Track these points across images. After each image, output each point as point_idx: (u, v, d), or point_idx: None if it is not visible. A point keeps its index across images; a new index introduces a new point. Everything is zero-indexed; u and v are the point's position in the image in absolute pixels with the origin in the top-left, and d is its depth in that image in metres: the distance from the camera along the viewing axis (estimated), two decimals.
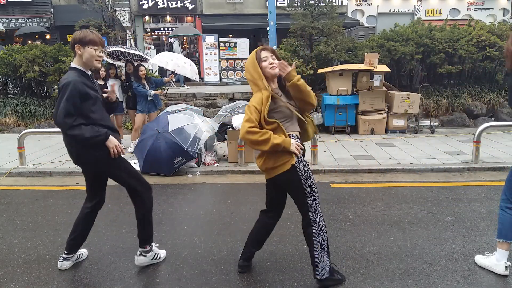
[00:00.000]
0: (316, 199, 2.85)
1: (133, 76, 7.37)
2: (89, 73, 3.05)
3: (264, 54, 2.81)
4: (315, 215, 2.84)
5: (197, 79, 8.39)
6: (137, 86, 6.98)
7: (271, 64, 2.78)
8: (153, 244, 3.32)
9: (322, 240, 2.84)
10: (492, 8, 17.81)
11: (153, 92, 7.06)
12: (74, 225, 3.24)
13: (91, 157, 3.03)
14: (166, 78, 7.76)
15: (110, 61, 8.03)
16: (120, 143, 3.19)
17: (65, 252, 3.25)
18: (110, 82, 7.14)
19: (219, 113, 7.56)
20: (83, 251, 3.41)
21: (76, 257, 3.32)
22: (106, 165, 3.11)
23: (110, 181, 3.26)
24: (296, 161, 2.76)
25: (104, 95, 3.17)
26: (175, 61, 7.29)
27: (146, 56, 7.61)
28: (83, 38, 2.90)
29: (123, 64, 8.03)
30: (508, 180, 3.16)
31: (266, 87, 2.72)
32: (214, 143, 6.73)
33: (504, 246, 3.06)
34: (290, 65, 2.77)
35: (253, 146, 2.79)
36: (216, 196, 5.16)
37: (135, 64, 7.40)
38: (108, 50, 8.02)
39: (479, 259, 3.22)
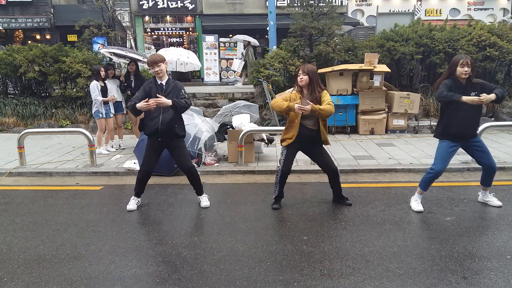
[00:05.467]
0: None
1: (134, 76, 7.37)
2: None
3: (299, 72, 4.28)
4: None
5: (199, 64, 8.51)
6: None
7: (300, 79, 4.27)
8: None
9: None
10: (492, 8, 17.81)
11: None
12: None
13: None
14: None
15: (115, 59, 8.03)
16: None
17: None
18: (109, 83, 7.13)
19: (219, 113, 7.55)
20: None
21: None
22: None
23: (110, 181, 3.23)
24: None
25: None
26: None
27: (144, 60, 7.57)
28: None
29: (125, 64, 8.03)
30: (437, 149, 4.31)
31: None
32: (214, 143, 6.73)
33: (420, 192, 4.42)
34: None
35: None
36: (216, 196, 5.16)
37: (138, 64, 7.45)
38: (106, 50, 8.03)
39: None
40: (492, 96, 3.97)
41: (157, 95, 4.20)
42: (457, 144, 4.23)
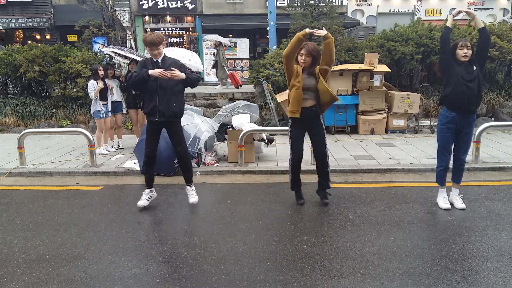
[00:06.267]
0: None
1: None
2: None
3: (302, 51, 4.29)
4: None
5: (201, 67, 8.52)
6: None
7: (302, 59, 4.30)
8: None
9: None
10: (492, 8, 17.82)
11: None
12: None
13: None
14: None
15: (119, 58, 8.02)
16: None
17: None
18: (108, 83, 7.13)
19: (219, 113, 7.55)
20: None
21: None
22: None
23: (110, 181, 3.23)
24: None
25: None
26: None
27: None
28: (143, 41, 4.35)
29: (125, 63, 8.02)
30: (438, 141, 4.38)
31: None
32: (214, 143, 6.73)
33: (441, 187, 4.50)
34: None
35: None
36: (216, 196, 5.16)
37: None
38: (108, 49, 8.03)
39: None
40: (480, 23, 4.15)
41: (171, 68, 4.20)
42: (453, 123, 4.20)
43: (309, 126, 4.44)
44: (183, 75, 4.20)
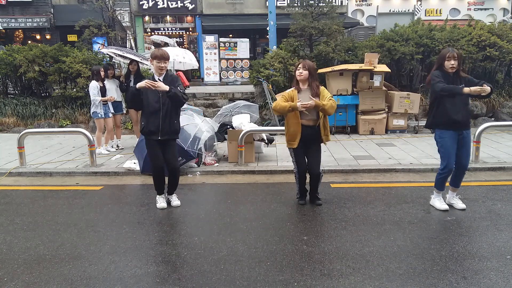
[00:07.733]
0: None
1: (134, 75, 7.35)
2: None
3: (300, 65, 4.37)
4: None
5: (196, 64, 8.54)
6: None
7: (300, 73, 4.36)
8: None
9: None
10: (492, 8, 17.82)
11: None
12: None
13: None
14: None
15: (119, 59, 8.04)
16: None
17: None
18: (108, 83, 7.13)
19: (219, 113, 7.55)
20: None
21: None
22: None
23: (110, 182, 3.23)
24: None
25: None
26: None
27: (144, 62, 7.55)
28: (151, 55, 4.38)
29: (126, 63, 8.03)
30: (440, 147, 4.29)
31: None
32: (214, 143, 6.73)
33: (438, 192, 4.45)
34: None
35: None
36: (216, 196, 5.16)
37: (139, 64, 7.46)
38: (107, 50, 8.04)
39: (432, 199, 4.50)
40: (488, 88, 4.01)
41: (158, 79, 4.31)
42: (454, 132, 4.19)
43: (308, 144, 4.46)
44: (166, 87, 4.20)
